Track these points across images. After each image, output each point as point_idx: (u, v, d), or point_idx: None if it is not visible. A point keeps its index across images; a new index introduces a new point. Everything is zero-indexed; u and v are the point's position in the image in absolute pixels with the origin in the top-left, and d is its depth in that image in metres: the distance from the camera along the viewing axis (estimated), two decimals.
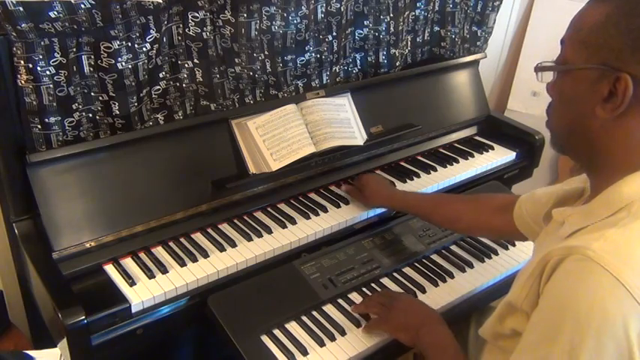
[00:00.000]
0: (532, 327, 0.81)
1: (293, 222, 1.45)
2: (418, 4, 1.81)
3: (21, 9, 1.09)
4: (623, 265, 0.74)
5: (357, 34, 1.72)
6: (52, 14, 1.13)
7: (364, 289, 1.33)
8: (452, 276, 1.39)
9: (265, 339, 1.17)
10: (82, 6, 1.16)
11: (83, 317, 1.09)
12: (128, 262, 1.29)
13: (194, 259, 1.30)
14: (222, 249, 1.34)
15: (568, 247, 0.78)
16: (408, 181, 1.68)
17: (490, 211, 1.28)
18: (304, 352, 1.15)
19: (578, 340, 0.74)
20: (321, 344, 1.17)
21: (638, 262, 0.75)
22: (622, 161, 0.83)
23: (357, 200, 1.54)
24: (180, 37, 1.38)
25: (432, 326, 1.14)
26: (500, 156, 1.85)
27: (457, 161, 1.80)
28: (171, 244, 1.36)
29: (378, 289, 1.33)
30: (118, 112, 1.33)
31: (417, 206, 1.44)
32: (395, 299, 1.22)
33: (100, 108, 1.31)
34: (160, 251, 1.33)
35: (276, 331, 1.20)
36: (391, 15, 1.74)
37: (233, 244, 1.36)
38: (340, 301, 1.29)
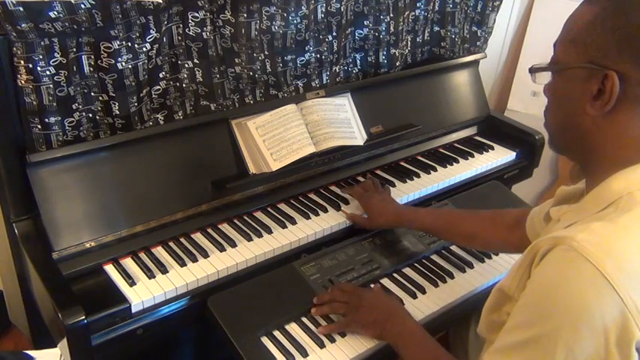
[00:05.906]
0: (518, 310, 0.84)
1: (293, 222, 1.45)
2: (418, 4, 1.81)
3: (21, 9, 1.09)
4: (605, 257, 0.75)
5: (357, 34, 1.72)
6: (52, 14, 1.13)
7: None
8: (452, 276, 1.39)
9: (265, 340, 1.17)
10: (82, 6, 1.16)
11: (83, 317, 1.09)
12: (128, 262, 1.29)
13: (194, 259, 1.30)
14: (222, 249, 1.34)
15: (555, 238, 0.80)
16: (408, 181, 1.68)
17: (505, 227, 1.27)
18: (304, 354, 1.15)
19: (556, 327, 0.76)
20: (321, 346, 1.17)
21: (621, 255, 0.76)
22: (613, 158, 0.85)
23: (364, 226, 1.47)
24: (180, 37, 1.38)
25: (398, 318, 1.17)
26: (500, 156, 1.86)
27: (457, 161, 1.80)
28: (171, 244, 1.36)
29: None
30: (118, 112, 1.33)
31: (429, 223, 1.41)
32: (360, 297, 1.22)
33: (100, 108, 1.31)
34: (159, 251, 1.33)
35: (276, 332, 1.19)
36: (391, 15, 1.74)
37: (233, 244, 1.36)
38: None
